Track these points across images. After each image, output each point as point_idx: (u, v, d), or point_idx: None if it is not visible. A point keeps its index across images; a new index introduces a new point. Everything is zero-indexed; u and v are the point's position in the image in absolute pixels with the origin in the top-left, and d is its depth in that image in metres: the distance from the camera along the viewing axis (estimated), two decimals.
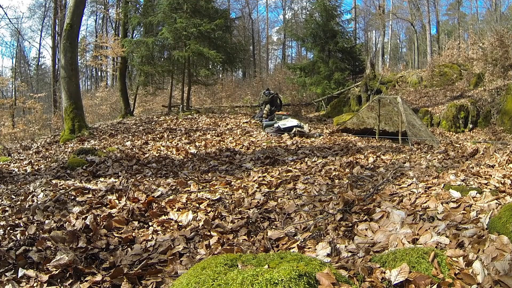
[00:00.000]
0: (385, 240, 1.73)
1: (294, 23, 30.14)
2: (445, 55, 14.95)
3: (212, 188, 3.12)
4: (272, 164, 4.15)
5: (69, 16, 7.37)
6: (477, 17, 25.28)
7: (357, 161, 4.14)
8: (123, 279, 1.53)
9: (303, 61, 18.14)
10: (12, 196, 3.03)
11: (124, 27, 13.02)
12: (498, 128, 9.01)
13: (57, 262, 1.62)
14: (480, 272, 1.24)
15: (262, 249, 1.84)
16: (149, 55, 11.52)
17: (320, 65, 13.95)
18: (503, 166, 2.79)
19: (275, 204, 2.60)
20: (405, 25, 29.14)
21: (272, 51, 36.25)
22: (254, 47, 29.21)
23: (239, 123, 9.00)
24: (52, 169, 4.07)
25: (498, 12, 20.73)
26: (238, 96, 17.64)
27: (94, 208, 2.60)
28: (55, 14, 15.92)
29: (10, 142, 9.30)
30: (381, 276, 1.26)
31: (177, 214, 2.39)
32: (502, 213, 1.61)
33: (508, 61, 10.18)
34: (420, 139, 6.33)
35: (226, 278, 1.01)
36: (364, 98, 12.33)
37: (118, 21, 15.38)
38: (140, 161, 4.46)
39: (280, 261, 1.16)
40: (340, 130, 8.26)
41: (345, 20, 15.19)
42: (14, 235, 2.04)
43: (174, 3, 11.15)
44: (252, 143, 5.95)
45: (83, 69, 29.65)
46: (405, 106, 7.12)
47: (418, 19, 23.82)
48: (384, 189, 2.68)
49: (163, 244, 1.92)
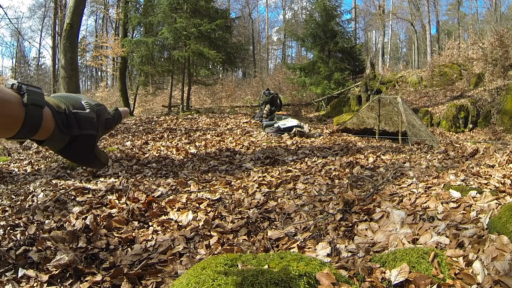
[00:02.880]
0: (385, 240, 1.73)
1: (294, 23, 30.15)
2: (445, 55, 14.96)
3: (212, 188, 3.12)
4: (272, 164, 4.15)
5: (69, 16, 7.38)
6: (477, 17, 25.30)
7: (357, 161, 4.14)
8: (123, 279, 1.53)
9: (303, 61, 18.14)
10: (12, 196, 3.03)
11: (124, 27, 13.03)
12: (498, 128, 9.01)
13: (57, 262, 1.62)
14: (480, 272, 1.24)
15: (262, 249, 1.84)
16: (149, 55, 11.53)
17: (320, 65, 13.96)
18: (503, 166, 2.79)
19: (275, 204, 2.60)
20: (405, 25, 29.17)
21: (272, 51, 36.28)
22: (254, 47, 29.22)
23: (239, 123, 9.00)
24: (52, 169, 4.07)
25: (498, 12, 20.74)
26: (238, 96, 17.65)
27: (94, 208, 2.60)
28: (55, 14, 15.92)
29: (10, 142, 9.30)
30: (381, 276, 1.26)
31: (177, 214, 2.39)
32: (502, 213, 1.61)
33: (508, 61, 10.19)
34: (420, 139, 6.33)
35: (226, 278, 1.01)
36: (364, 98, 12.33)
37: (118, 21, 15.38)
38: (140, 161, 4.46)
39: (280, 261, 1.16)
40: (340, 130, 8.26)
41: (345, 20, 15.20)
42: (14, 235, 2.04)
43: (174, 3, 11.15)
44: (252, 143, 5.95)
45: (83, 69, 29.67)
46: (405, 106, 7.12)
47: (418, 19, 23.83)
48: (384, 189, 2.68)
49: (163, 244, 1.92)
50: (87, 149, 0.54)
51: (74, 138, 0.51)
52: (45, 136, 0.48)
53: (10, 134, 0.44)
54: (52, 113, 0.48)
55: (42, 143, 0.50)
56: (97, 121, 0.55)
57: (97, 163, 0.58)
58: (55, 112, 0.49)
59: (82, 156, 0.55)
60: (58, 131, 0.49)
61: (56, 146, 0.51)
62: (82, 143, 0.53)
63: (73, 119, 0.51)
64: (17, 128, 0.43)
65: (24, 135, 0.45)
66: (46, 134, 0.48)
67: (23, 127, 0.44)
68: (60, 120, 0.49)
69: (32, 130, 0.45)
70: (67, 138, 0.51)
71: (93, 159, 0.57)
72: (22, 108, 0.43)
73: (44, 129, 0.47)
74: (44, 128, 0.47)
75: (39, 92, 0.46)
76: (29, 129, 0.44)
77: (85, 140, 0.53)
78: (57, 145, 0.51)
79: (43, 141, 0.49)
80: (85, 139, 0.53)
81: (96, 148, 0.56)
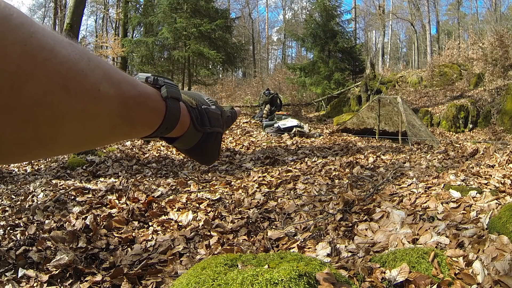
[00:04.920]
0: (385, 240, 1.73)
1: (294, 23, 30.16)
2: (445, 55, 14.97)
3: (212, 188, 3.12)
4: (272, 164, 4.15)
5: (69, 16, 7.37)
6: (477, 17, 25.31)
7: (357, 161, 4.14)
8: (123, 279, 1.53)
9: (303, 61, 18.15)
10: (12, 196, 3.03)
11: (124, 27, 13.03)
12: (498, 128, 9.01)
13: (57, 262, 1.62)
14: (480, 272, 1.24)
15: (262, 249, 1.84)
16: (149, 55, 11.53)
17: (320, 65, 13.96)
18: (503, 166, 2.79)
19: (275, 204, 2.60)
20: (405, 25, 29.18)
21: (272, 51, 36.30)
22: (254, 47, 29.22)
23: (239, 123, 9.00)
24: (52, 169, 4.07)
25: (498, 12, 20.74)
26: (238, 96, 17.65)
27: (94, 208, 2.60)
28: (55, 14, 15.92)
29: None
30: (381, 276, 1.26)
31: (177, 214, 2.39)
32: (502, 213, 1.61)
33: (508, 61, 10.19)
34: (420, 139, 6.33)
35: (226, 278, 1.01)
36: (364, 98, 12.33)
37: (118, 21, 15.39)
38: (140, 161, 4.46)
39: (280, 261, 1.16)
40: (340, 130, 8.26)
41: (345, 20, 15.20)
42: (14, 235, 2.04)
43: (174, 3, 11.15)
44: (252, 143, 5.95)
45: None
46: (405, 106, 7.12)
47: (418, 19, 23.84)
48: (384, 189, 2.68)
49: (163, 244, 1.92)
50: (215, 147, 0.53)
51: (206, 136, 0.50)
52: (180, 132, 0.46)
53: (150, 130, 0.41)
54: (187, 108, 0.46)
55: (173, 141, 0.48)
56: (221, 117, 0.53)
57: (215, 160, 0.57)
58: (190, 107, 0.47)
59: (210, 155, 0.53)
60: (193, 128, 0.47)
61: (188, 144, 0.49)
62: (212, 141, 0.51)
63: (205, 115, 0.49)
64: (158, 123, 0.40)
65: (162, 132, 0.42)
66: (181, 131, 0.46)
67: (164, 122, 0.41)
68: (195, 116, 0.47)
69: (171, 125, 0.42)
70: (199, 135, 0.49)
71: (216, 157, 0.55)
72: (162, 101, 0.41)
73: (181, 125, 0.45)
74: (181, 124, 0.44)
75: (174, 85, 0.44)
76: (168, 124, 0.42)
77: (215, 138, 0.51)
78: (189, 143, 0.49)
79: (174, 140, 0.47)
80: (215, 137, 0.51)
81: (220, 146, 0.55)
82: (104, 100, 0.31)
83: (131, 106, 0.35)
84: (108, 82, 0.32)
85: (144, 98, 0.37)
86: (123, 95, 0.34)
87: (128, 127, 0.36)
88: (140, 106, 0.37)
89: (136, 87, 0.36)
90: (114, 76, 0.33)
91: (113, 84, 0.33)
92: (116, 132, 0.35)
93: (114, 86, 0.33)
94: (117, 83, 0.33)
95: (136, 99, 0.36)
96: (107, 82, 0.31)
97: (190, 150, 0.51)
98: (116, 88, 0.33)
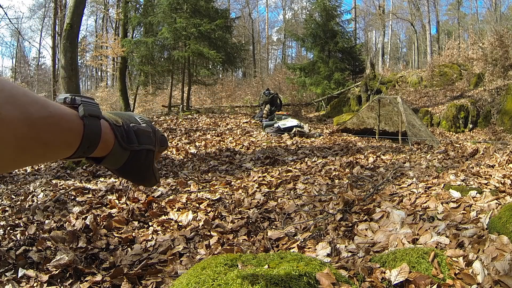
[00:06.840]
0: (385, 240, 1.73)
1: (294, 23, 30.16)
2: (445, 55, 14.97)
3: (212, 188, 3.12)
4: (272, 164, 4.15)
5: (69, 16, 7.37)
6: (477, 17, 25.31)
7: (357, 161, 4.14)
8: (123, 279, 1.53)
9: (303, 61, 18.15)
10: (12, 196, 3.03)
11: (124, 27, 13.02)
12: (498, 128, 9.01)
13: (57, 262, 1.62)
14: (480, 272, 1.24)
15: (262, 249, 1.84)
16: (149, 55, 11.53)
17: (320, 65, 13.96)
18: (503, 166, 2.79)
19: (275, 204, 2.60)
20: (405, 25, 29.17)
21: (272, 51, 36.30)
22: (254, 47, 29.21)
23: (239, 123, 9.00)
24: (52, 169, 4.07)
25: (498, 12, 20.74)
26: (238, 96, 17.65)
27: (94, 208, 2.60)
28: (55, 14, 15.92)
29: None
30: (381, 276, 1.26)
31: (177, 214, 2.39)
32: (502, 213, 1.61)
33: (508, 61, 10.19)
34: (420, 139, 6.33)
35: (226, 278, 1.01)
36: (364, 98, 12.34)
37: (118, 21, 15.39)
38: None
39: (280, 261, 1.16)
40: (340, 130, 8.26)
41: (345, 20, 15.21)
42: (14, 235, 2.04)
43: (174, 3, 11.15)
44: (252, 143, 5.95)
45: (83, 69, 29.68)
46: (405, 106, 7.12)
47: (418, 19, 23.84)
48: (384, 189, 2.68)
49: (163, 244, 1.92)
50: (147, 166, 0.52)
51: (134, 154, 0.49)
52: (105, 152, 0.45)
53: (69, 151, 0.40)
54: (110, 126, 0.45)
55: (100, 161, 0.47)
56: (154, 135, 0.52)
57: (153, 181, 0.55)
58: (114, 126, 0.46)
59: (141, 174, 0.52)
60: (118, 146, 0.46)
61: (115, 163, 0.48)
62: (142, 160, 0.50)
63: (132, 133, 0.48)
64: (77, 143, 0.40)
65: (84, 152, 0.41)
66: (106, 150, 0.45)
67: (83, 141, 0.40)
68: (120, 134, 0.46)
69: (92, 144, 0.42)
70: (127, 154, 0.48)
71: (150, 177, 0.54)
72: (80, 120, 0.40)
73: (104, 144, 0.44)
74: (104, 142, 0.44)
75: (93, 102, 0.43)
76: (89, 143, 0.41)
77: (145, 156, 0.50)
78: (116, 162, 0.48)
79: (101, 159, 0.47)
80: (145, 155, 0.50)
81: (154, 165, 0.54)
82: (6, 122, 0.31)
83: (41, 127, 0.35)
84: (12, 104, 0.32)
85: (56, 119, 0.37)
86: (30, 117, 0.34)
87: (41, 149, 0.36)
88: (52, 126, 0.36)
89: (47, 108, 0.36)
90: (20, 99, 0.33)
91: (18, 106, 0.33)
92: (28, 154, 0.35)
93: (19, 108, 0.33)
94: (22, 105, 0.33)
95: (47, 120, 0.36)
96: (10, 105, 0.32)
97: (120, 170, 0.50)
98: (21, 110, 0.33)
